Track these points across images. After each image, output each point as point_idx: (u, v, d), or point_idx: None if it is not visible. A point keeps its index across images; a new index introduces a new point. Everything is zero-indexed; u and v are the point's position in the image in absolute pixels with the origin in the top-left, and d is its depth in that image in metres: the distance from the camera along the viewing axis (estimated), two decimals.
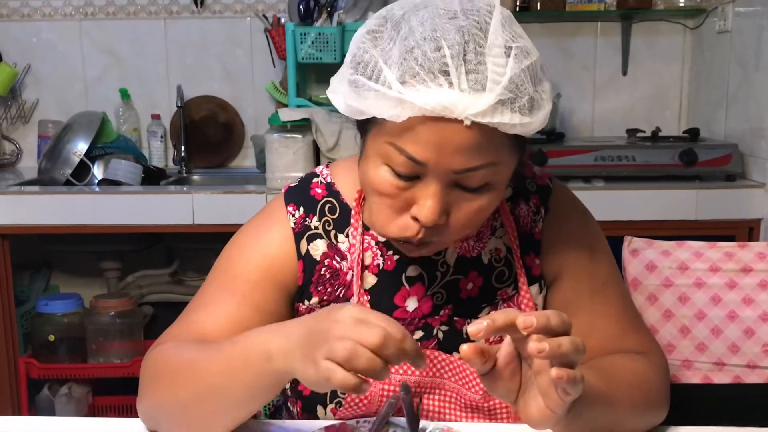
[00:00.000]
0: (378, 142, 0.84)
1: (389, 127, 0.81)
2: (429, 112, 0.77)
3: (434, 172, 0.81)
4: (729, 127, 2.35)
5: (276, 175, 2.23)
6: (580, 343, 0.72)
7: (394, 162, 0.82)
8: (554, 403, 0.73)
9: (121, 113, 2.73)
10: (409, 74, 0.78)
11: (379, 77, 0.79)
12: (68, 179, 2.32)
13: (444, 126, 0.78)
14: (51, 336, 2.32)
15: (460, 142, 0.79)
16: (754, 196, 2.13)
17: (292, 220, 0.99)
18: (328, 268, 0.98)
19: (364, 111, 0.82)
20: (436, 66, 0.77)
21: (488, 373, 0.75)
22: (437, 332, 0.99)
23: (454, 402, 0.98)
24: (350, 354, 0.70)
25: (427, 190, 0.82)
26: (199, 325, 0.94)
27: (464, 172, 0.81)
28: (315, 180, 1.02)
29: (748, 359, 1.31)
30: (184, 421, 0.87)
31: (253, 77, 2.75)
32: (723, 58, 2.38)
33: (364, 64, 0.82)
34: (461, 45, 0.77)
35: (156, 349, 0.93)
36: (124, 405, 2.46)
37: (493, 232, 1.00)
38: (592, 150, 2.21)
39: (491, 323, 0.71)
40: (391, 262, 0.99)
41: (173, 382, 0.86)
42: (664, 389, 0.96)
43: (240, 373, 0.80)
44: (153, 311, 2.63)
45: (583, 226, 1.03)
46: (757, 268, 1.30)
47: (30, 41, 2.75)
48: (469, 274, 0.99)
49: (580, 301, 0.99)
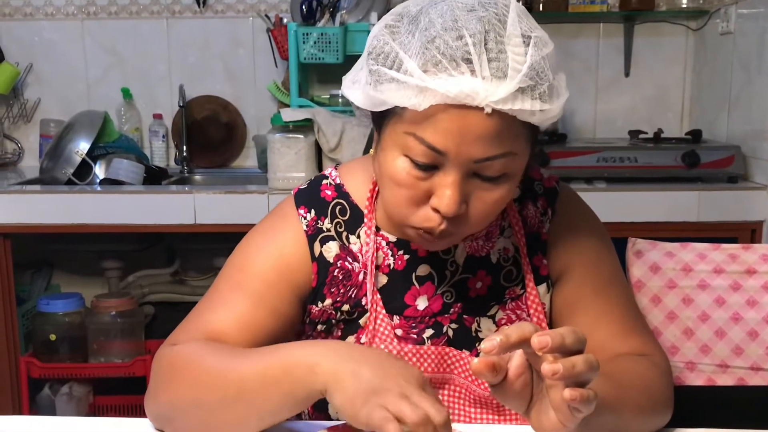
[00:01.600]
0: (396, 133, 0.84)
1: (408, 117, 0.82)
2: (451, 99, 0.78)
3: (454, 162, 0.82)
4: (731, 129, 2.35)
5: (278, 175, 2.23)
6: (594, 361, 0.71)
7: (414, 152, 0.83)
8: (566, 418, 0.73)
9: (123, 113, 2.73)
10: (432, 63, 0.79)
11: (401, 67, 0.81)
12: (70, 179, 2.32)
13: (465, 114, 0.79)
14: (52, 335, 2.31)
15: (481, 131, 0.80)
16: (757, 198, 2.13)
17: (305, 223, 0.99)
18: (340, 269, 0.99)
19: (385, 101, 0.83)
20: (459, 54, 0.78)
21: (499, 384, 0.75)
22: (447, 330, 1.00)
23: (464, 397, 0.99)
24: (413, 419, 0.71)
25: (446, 180, 0.83)
26: (213, 326, 0.93)
27: (484, 161, 0.82)
28: (324, 182, 1.02)
29: (752, 361, 1.30)
30: (207, 424, 0.86)
31: (255, 77, 2.75)
32: (725, 60, 2.38)
33: (384, 56, 0.83)
34: (482, 34, 0.79)
35: (172, 348, 0.92)
36: (125, 405, 2.46)
37: (502, 232, 1.01)
38: (594, 151, 2.21)
39: (505, 339, 0.70)
40: (402, 261, 0.99)
41: (196, 383, 0.85)
42: (668, 392, 0.96)
43: (278, 382, 0.80)
44: (154, 311, 2.63)
45: (589, 227, 1.04)
46: (762, 270, 1.30)
47: (32, 40, 2.74)
48: (477, 273, 1.00)
49: (583, 300, 1.00)
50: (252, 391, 0.81)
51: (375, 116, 0.89)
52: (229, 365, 0.84)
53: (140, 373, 2.30)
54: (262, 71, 2.74)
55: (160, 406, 0.90)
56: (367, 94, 0.84)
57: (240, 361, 0.84)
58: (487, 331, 1.00)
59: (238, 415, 0.83)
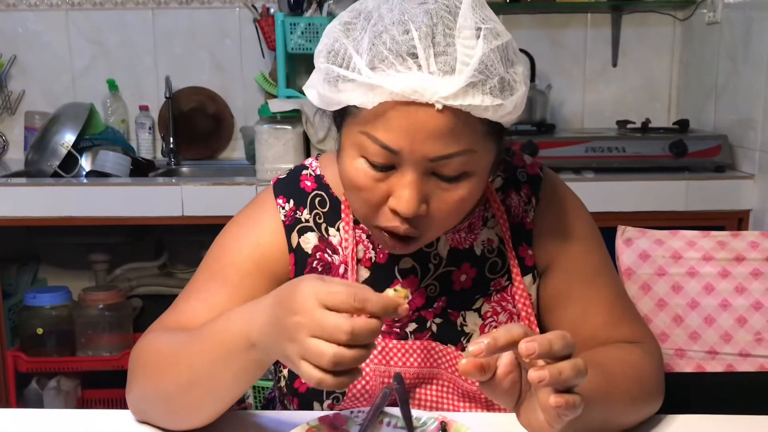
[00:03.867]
0: (352, 133, 0.83)
1: (362, 116, 0.80)
2: (399, 96, 0.77)
3: (409, 161, 0.80)
4: (718, 119, 2.36)
5: (266, 167, 2.22)
6: (581, 367, 0.71)
7: (369, 152, 0.81)
8: (553, 419, 0.73)
9: (108, 104, 2.71)
10: (378, 59, 0.77)
11: (350, 64, 0.79)
12: (56, 171, 2.30)
13: (415, 111, 0.77)
14: (39, 329, 2.30)
15: (433, 128, 0.78)
16: (744, 187, 2.14)
17: (282, 213, 0.99)
18: (320, 261, 0.98)
19: (338, 100, 0.81)
20: (404, 49, 0.76)
21: (488, 381, 0.75)
22: (431, 325, 0.98)
23: (452, 392, 0.98)
24: (326, 362, 0.67)
25: (404, 180, 0.81)
26: (187, 315, 0.93)
27: (439, 160, 0.80)
28: (304, 172, 1.01)
29: (741, 348, 1.31)
30: (170, 411, 0.86)
31: (242, 68, 2.74)
32: (712, 50, 2.39)
33: (335, 53, 0.81)
34: (429, 27, 0.77)
35: (145, 338, 0.92)
36: (113, 398, 2.45)
37: (485, 222, 1.00)
38: (582, 141, 2.21)
39: (492, 342, 0.70)
40: (384, 255, 0.98)
41: (157, 372, 0.86)
42: (659, 380, 0.96)
43: (225, 363, 0.79)
44: (142, 304, 2.61)
45: (575, 215, 1.02)
46: (750, 257, 1.31)
47: (16, 31, 2.71)
48: (462, 265, 0.99)
49: (572, 290, 0.99)
50: (203, 374, 0.81)
51: (334, 116, 0.88)
52: (180, 350, 0.84)
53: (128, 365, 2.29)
54: (249, 62, 2.72)
55: (132, 399, 0.91)
56: (321, 94, 0.83)
57: (191, 347, 0.84)
58: (473, 325, 0.99)
59: (197, 399, 0.83)
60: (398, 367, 0.96)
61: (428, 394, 0.98)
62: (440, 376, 0.98)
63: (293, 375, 0.97)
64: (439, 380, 0.98)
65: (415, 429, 0.86)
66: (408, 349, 0.97)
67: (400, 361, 0.96)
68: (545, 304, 1.01)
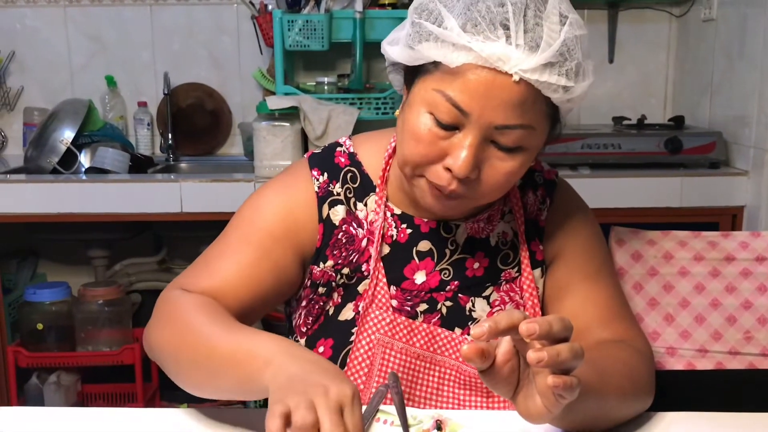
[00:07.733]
0: (425, 89, 0.88)
1: (439, 75, 0.86)
2: (483, 60, 0.83)
3: (475, 124, 0.86)
4: (713, 115, 2.37)
5: (264, 163, 2.23)
6: (579, 350, 0.73)
7: (439, 109, 0.87)
8: (551, 403, 0.75)
9: (107, 101, 2.71)
10: (471, 23, 0.84)
11: (442, 23, 0.85)
12: (55, 167, 2.31)
13: (493, 78, 0.84)
14: (39, 324, 2.31)
15: (506, 96, 0.84)
16: (738, 184, 2.15)
17: (317, 184, 1.03)
18: (345, 233, 1.02)
19: (422, 54, 0.87)
20: (498, 19, 0.83)
21: (487, 369, 0.77)
22: (441, 307, 1.03)
23: (453, 380, 1.02)
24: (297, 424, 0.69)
25: (464, 141, 0.87)
26: (218, 274, 0.97)
27: (503, 129, 0.86)
28: (339, 149, 1.06)
29: (731, 346, 1.33)
30: (176, 374, 0.91)
31: (240, 64, 2.74)
32: (708, 47, 2.40)
33: (428, 12, 0.87)
34: (523, 5, 0.84)
35: (178, 294, 0.95)
36: (114, 393, 2.47)
37: (502, 216, 1.06)
38: (578, 138, 2.23)
39: (494, 325, 0.72)
40: (404, 234, 1.03)
41: (179, 337, 0.89)
42: (650, 378, 0.99)
43: (239, 365, 0.82)
44: (141, 299, 2.63)
45: (583, 218, 1.09)
46: (740, 257, 1.32)
47: (14, 27, 2.71)
48: (476, 254, 1.04)
49: (573, 284, 1.05)
50: (217, 363, 0.84)
51: (407, 72, 0.93)
52: (209, 332, 0.87)
53: (128, 361, 2.31)
54: (247, 58, 2.73)
55: (150, 342, 0.95)
56: (406, 48, 0.89)
57: (219, 332, 0.86)
58: (481, 312, 1.04)
59: (199, 378, 0.87)
60: (402, 343, 1.00)
61: (429, 380, 1.02)
62: (442, 363, 1.02)
63: None
64: (441, 367, 1.02)
65: (410, 427, 0.87)
66: (414, 329, 1.01)
67: (405, 338, 1.00)
68: (548, 295, 1.07)
